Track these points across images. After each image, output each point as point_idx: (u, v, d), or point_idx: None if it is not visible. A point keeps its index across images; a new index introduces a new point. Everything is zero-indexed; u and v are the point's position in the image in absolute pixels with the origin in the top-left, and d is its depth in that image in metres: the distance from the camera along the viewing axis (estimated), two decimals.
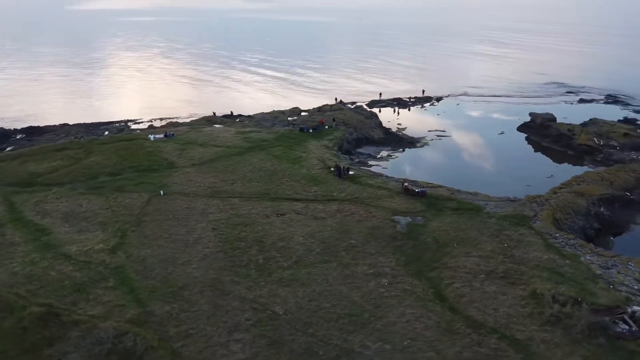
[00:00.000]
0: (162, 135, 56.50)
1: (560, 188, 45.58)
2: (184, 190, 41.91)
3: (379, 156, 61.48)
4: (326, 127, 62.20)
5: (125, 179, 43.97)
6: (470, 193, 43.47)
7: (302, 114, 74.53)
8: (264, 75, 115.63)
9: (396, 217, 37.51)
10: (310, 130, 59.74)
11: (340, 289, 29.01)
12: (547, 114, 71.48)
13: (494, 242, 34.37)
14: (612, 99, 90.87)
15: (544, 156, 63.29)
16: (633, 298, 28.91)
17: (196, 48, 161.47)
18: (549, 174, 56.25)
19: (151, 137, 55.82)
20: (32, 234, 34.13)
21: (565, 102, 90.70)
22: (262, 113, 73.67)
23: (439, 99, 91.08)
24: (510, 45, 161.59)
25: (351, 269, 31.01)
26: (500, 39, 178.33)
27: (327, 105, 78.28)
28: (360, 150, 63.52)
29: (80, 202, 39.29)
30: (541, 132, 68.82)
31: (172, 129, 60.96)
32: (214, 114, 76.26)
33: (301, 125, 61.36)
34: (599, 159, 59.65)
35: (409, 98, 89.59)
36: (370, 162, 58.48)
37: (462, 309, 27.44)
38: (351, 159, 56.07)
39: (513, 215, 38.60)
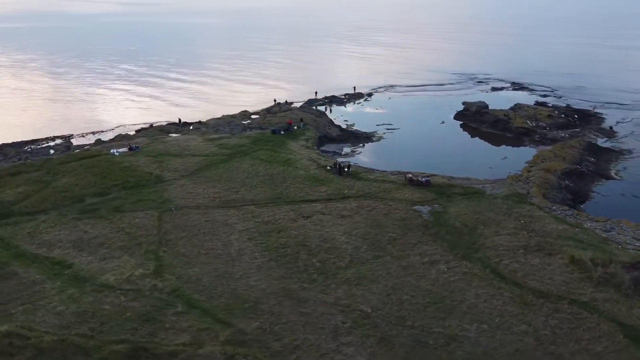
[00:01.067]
0: (126, 149, 52.18)
1: (532, 167, 50.51)
2: (191, 204, 39.54)
3: (343, 152, 62.56)
4: (295, 127, 61.94)
5: (118, 199, 40.22)
6: (463, 178, 46.48)
7: (253, 116, 73.23)
8: (157, 85, 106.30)
9: (417, 207, 39.10)
10: (282, 132, 59.11)
11: (408, 280, 29.84)
12: (480, 102, 77.85)
13: (511, 219, 37.42)
14: (518, 86, 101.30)
15: (487, 141, 68.96)
16: None
17: (80, 58, 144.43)
18: (500, 156, 61.74)
19: (114, 151, 51.30)
20: (50, 269, 30.16)
21: (481, 91, 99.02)
22: (214, 119, 71.03)
23: (370, 95, 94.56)
24: (395, 45, 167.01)
25: (406, 260, 31.95)
26: (378, 39, 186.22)
27: (275, 107, 77.74)
28: (323, 148, 63.95)
29: (82, 228, 35.32)
30: (478, 118, 74.78)
31: (131, 142, 56.46)
32: (152, 125, 72.02)
33: (273, 128, 60.40)
34: (536, 138, 66.64)
35: (344, 95, 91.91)
36: (339, 159, 59.33)
37: (523, 282, 29.76)
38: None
39: (512, 194, 42.18)
